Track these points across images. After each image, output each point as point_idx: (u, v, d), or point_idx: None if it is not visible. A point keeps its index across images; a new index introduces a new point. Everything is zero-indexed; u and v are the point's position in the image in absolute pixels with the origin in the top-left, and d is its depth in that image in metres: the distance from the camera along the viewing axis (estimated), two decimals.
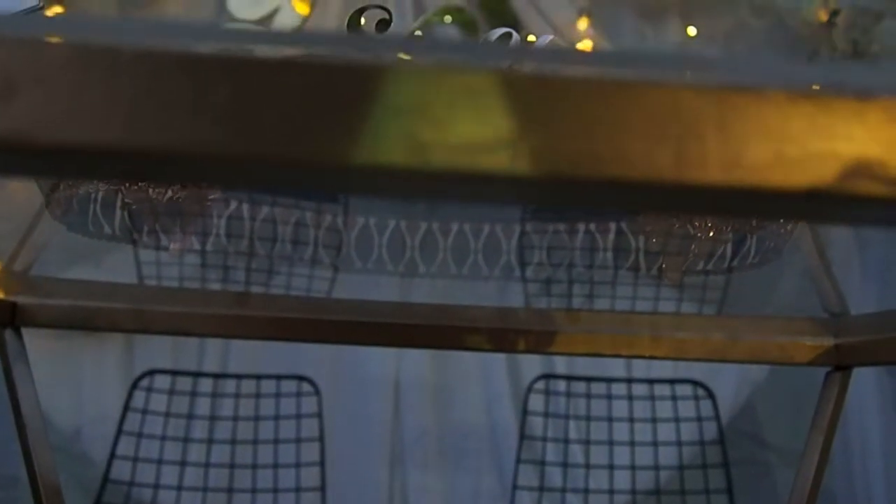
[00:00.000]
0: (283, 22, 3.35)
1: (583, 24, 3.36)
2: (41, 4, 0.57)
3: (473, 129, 0.33)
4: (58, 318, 1.31)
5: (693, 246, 0.91)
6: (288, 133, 0.33)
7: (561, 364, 2.97)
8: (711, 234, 0.87)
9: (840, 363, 1.38)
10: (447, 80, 0.33)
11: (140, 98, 0.33)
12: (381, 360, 3.10)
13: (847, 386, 1.42)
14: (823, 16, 3.26)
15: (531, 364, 3.13)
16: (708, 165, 0.33)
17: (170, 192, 0.80)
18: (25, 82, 0.32)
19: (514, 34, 0.94)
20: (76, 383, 3.19)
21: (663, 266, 1.13)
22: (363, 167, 0.33)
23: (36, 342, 1.29)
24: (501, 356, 3.18)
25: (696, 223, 0.84)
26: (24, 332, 1.26)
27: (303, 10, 3.34)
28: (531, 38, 3.36)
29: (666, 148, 0.33)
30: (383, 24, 0.90)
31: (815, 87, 0.34)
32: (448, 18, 3.44)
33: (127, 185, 0.86)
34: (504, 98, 0.33)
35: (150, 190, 0.79)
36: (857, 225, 0.50)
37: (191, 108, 0.33)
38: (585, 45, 3.36)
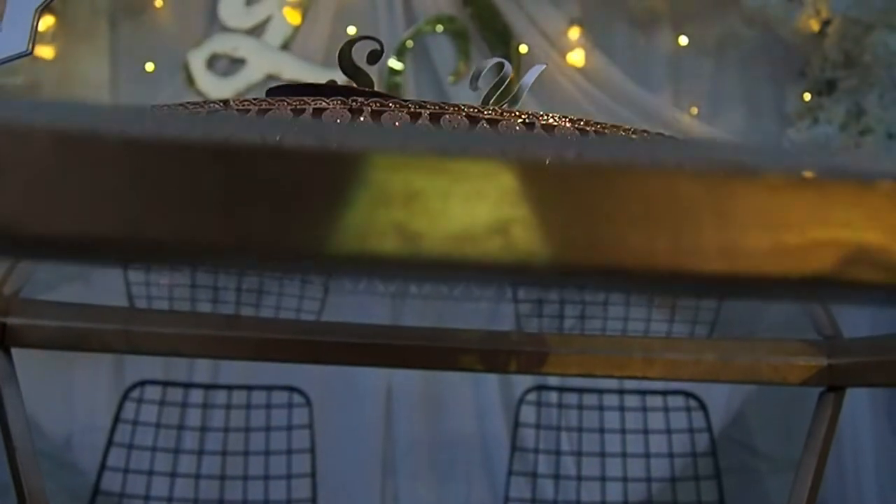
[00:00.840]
0: (275, 30, 3.34)
1: (574, 33, 3.36)
2: (29, 50, 0.57)
3: (465, 218, 0.33)
4: (48, 339, 1.30)
5: None
6: (276, 221, 0.32)
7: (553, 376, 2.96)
8: None
9: (833, 384, 1.37)
10: (440, 167, 0.33)
11: (125, 186, 0.32)
12: (372, 370, 3.09)
13: (840, 406, 1.41)
14: (815, 26, 3.26)
15: (523, 375, 3.12)
16: (705, 254, 0.32)
17: None
18: (7, 169, 0.31)
19: (507, 65, 0.93)
20: (67, 392, 3.17)
21: None
22: (352, 256, 0.32)
23: (27, 350, 1.28)
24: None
25: None
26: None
27: (294, 19, 3.34)
28: (523, 48, 3.36)
29: (662, 236, 0.32)
30: (374, 56, 0.89)
31: (810, 174, 0.33)
32: (439, 28, 3.44)
33: None
34: (498, 185, 0.32)
35: None
36: (858, 306, 0.50)
37: (177, 195, 0.32)
38: (577, 54, 3.36)
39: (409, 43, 3.39)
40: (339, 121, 0.77)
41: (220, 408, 2.79)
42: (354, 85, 0.89)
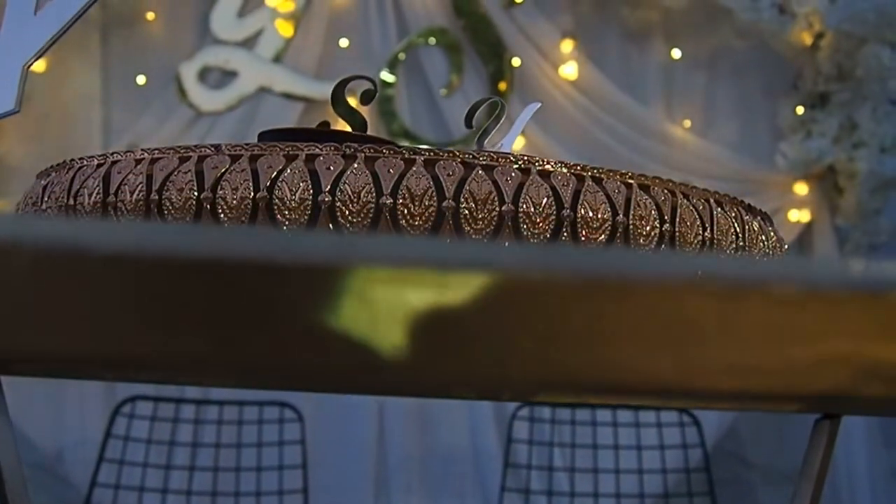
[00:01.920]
0: (267, 43, 3.32)
1: (567, 45, 3.35)
2: (17, 108, 0.55)
3: (460, 330, 0.32)
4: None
5: None
6: (257, 336, 0.31)
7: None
8: None
9: (829, 411, 1.37)
10: (431, 281, 0.32)
11: (109, 302, 0.31)
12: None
13: (836, 433, 1.40)
14: (808, 39, 3.26)
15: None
16: (710, 372, 0.31)
17: None
18: None
19: (501, 103, 0.92)
20: (59, 406, 3.16)
21: None
22: (333, 367, 0.31)
23: None
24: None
25: None
26: None
27: (286, 31, 3.32)
28: (515, 61, 3.34)
29: (667, 352, 0.31)
30: (368, 95, 0.88)
31: (819, 286, 0.32)
32: (432, 40, 3.43)
33: None
34: (498, 302, 0.31)
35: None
36: (874, 416, 0.48)
37: (161, 313, 0.31)
38: (570, 67, 3.35)
39: (402, 55, 3.38)
40: (331, 168, 0.75)
41: (212, 423, 2.77)
42: (348, 126, 0.88)
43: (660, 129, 3.41)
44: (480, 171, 0.77)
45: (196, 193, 0.77)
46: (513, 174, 0.78)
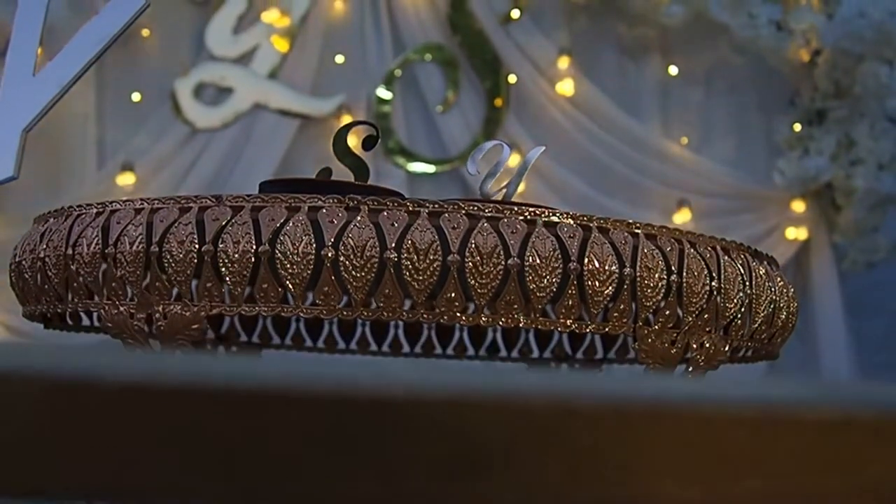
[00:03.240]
0: (262, 59, 3.31)
1: (563, 62, 3.34)
2: (16, 175, 0.54)
3: (481, 462, 0.30)
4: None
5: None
6: (284, 473, 0.30)
7: None
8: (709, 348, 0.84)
9: None
10: (444, 411, 0.30)
11: (119, 434, 0.30)
12: None
13: None
14: (805, 55, 3.26)
15: None
16: None
17: None
18: None
19: (505, 147, 0.91)
20: None
21: None
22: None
23: None
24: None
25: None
26: None
27: (282, 47, 3.31)
28: (512, 78, 3.34)
29: (696, 485, 0.30)
30: (370, 141, 0.87)
31: (858, 411, 0.31)
32: (428, 56, 3.42)
33: None
34: (522, 431, 0.30)
35: None
36: None
37: (176, 445, 0.30)
38: (566, 84, 3.34)
39: (398, 72, 3.37)
40: (334, 221, 0.74)
41: None
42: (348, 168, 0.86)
43: (657, 145, 3.40)
44: (486, 224, 0.76)
45: (197, 246, 0.76)
46: (518, 226, 0.76)
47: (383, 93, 3.34)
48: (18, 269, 0.89)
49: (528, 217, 0.78)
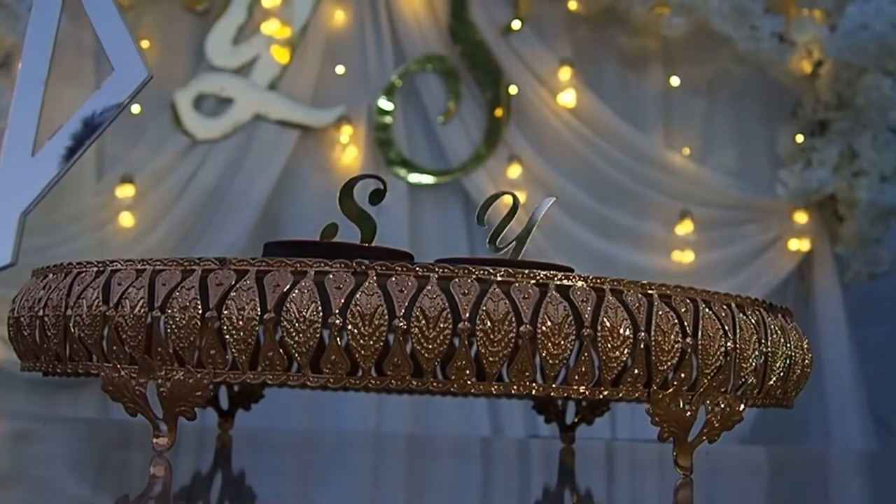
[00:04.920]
0: (262, 70, 3.29)
1: (565, 73, 3.32)
2: (14, 261, 0.52)
3: None
4: None
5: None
6: None
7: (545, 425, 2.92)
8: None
9: None
10: None
11: None
12: (360, 415, 3.05)
13: None
14: (807, 67, 3.24)
15: (515, 424, 3.08)
16: None
17: None
18: None
19: (516, 200, 0.89)
20: None
21: None
22: None
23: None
24: (485, 418, 3.14)
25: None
26: None
27: (282, 57, 3.29)
28: (513, 88, 3.31)
29: None
30: (377, 196, 0.85)
31: None
32: (429, 67, 3.39)
33: None
34: None
35: None
36: None
37: None
38: (568, 95, 3.32)
39: (398, 82, 3.35)
40: (341, 287, 0.72)
41: None
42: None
43: (659, 156, 3.38)
44: (497, 289, 0.74)
45: (200, 312, 0.74)
46: (530, 290, 0.74)
47: (384, 103, 3.32)
48: (17, 324, 0.87)
49: (541, 280, 0.76)
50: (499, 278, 0.75)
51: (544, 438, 2.70)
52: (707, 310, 0.81)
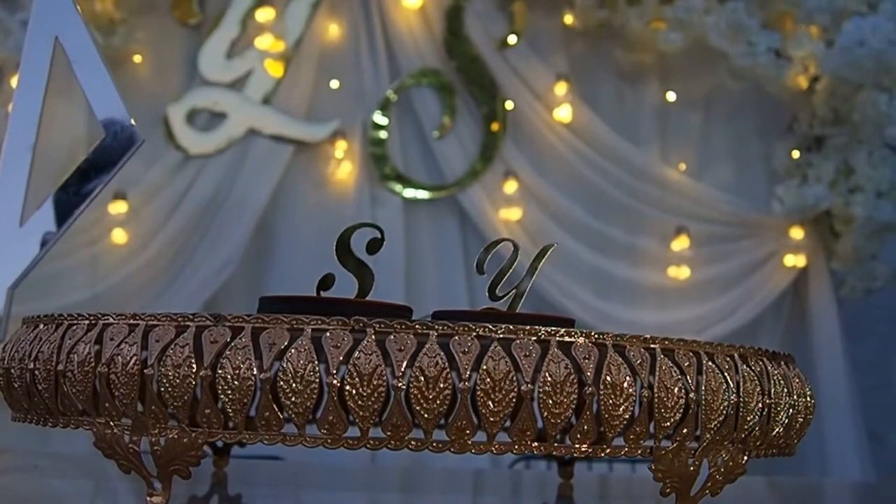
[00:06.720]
0: (256, 84, 3.27)
1: (561, 88, 3.30)
2: (2, 337, 0.51)
3: None
4: None
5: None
6: None
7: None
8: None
9: None
10: None
11: None
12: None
13: None
14: (804, 83, 3.23)
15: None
16: None
17: None
18: None
19: (516, 247, 0.87)
20: None
21: None
22: None
23: None
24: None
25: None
26: None
27: (276, 71, 3.27)
28: (509, 103, 3.30)
29: None
30: (375, 245, 0.84)
31: None
32: (424, 81, 3.38)
33: None
34: None
35: None
36: None
37: None
38: (564, 110, 3.31)
39: (393, 96, 3.33)
40: (339, 346, 0.71)
41: None
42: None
43: (655, 171, 3.37)
44: (497, 347, 0.72)
45: (194, 370, 0.72)
46: (531, 347, 0.73)
47: (379, 118, 3.31)
48: (7, 375, 0.85)
49: (542, 337, 0.75)
50: (500, 335, 0.74)
51: (539, 461, 2.69)
52: (710, 363, 0.80)
